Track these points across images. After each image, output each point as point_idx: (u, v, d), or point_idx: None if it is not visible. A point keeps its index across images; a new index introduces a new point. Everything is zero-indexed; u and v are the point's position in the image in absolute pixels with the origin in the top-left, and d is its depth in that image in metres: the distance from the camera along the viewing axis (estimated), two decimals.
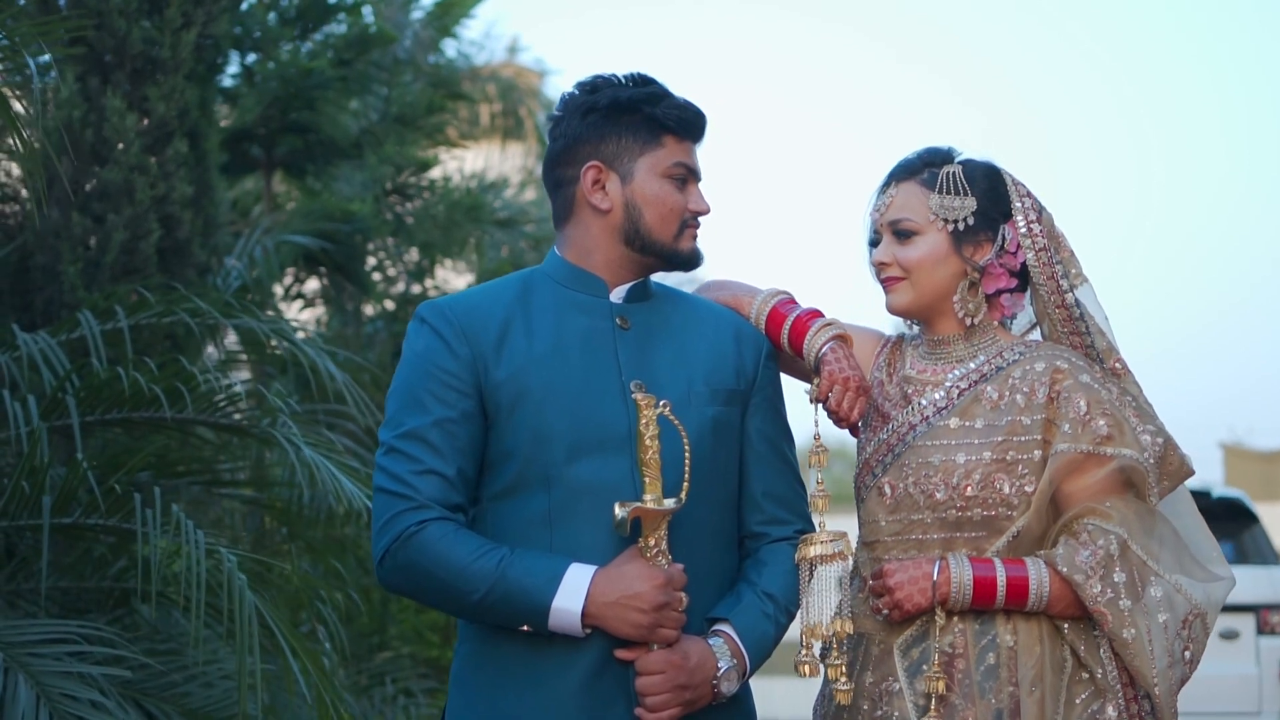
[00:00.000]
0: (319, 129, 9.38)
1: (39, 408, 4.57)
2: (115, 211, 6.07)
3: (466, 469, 3.25)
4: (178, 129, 6.22)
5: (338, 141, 9.47)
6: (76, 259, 6.03)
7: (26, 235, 6.09)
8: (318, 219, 8.59)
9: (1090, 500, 3.36)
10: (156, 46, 6.16)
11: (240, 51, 9.58)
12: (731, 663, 3.23)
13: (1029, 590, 3.31)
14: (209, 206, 6.46)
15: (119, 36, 6.09)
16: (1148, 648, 3.28)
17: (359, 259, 8.81)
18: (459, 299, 3.40)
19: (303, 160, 9.71)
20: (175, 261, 6.26)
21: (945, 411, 3.43)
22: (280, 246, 8.22)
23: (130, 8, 6.09)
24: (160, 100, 6.14)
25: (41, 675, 3.96)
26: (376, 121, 10.01)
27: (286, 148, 9.66)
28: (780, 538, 3.41)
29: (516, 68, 21.07)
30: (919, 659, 3.38)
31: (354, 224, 8.52)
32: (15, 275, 6.13)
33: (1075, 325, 3.49)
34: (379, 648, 8.41)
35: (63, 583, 5.37)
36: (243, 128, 9.47)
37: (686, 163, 3.38)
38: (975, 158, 3.55)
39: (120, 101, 6.07)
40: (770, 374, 3.49)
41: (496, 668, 3.26)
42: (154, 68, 6.18)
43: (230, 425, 4.94)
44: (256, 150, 9.79)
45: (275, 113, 9.33)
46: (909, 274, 3.49)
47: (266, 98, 9.22)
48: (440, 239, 10.15)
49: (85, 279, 6.00)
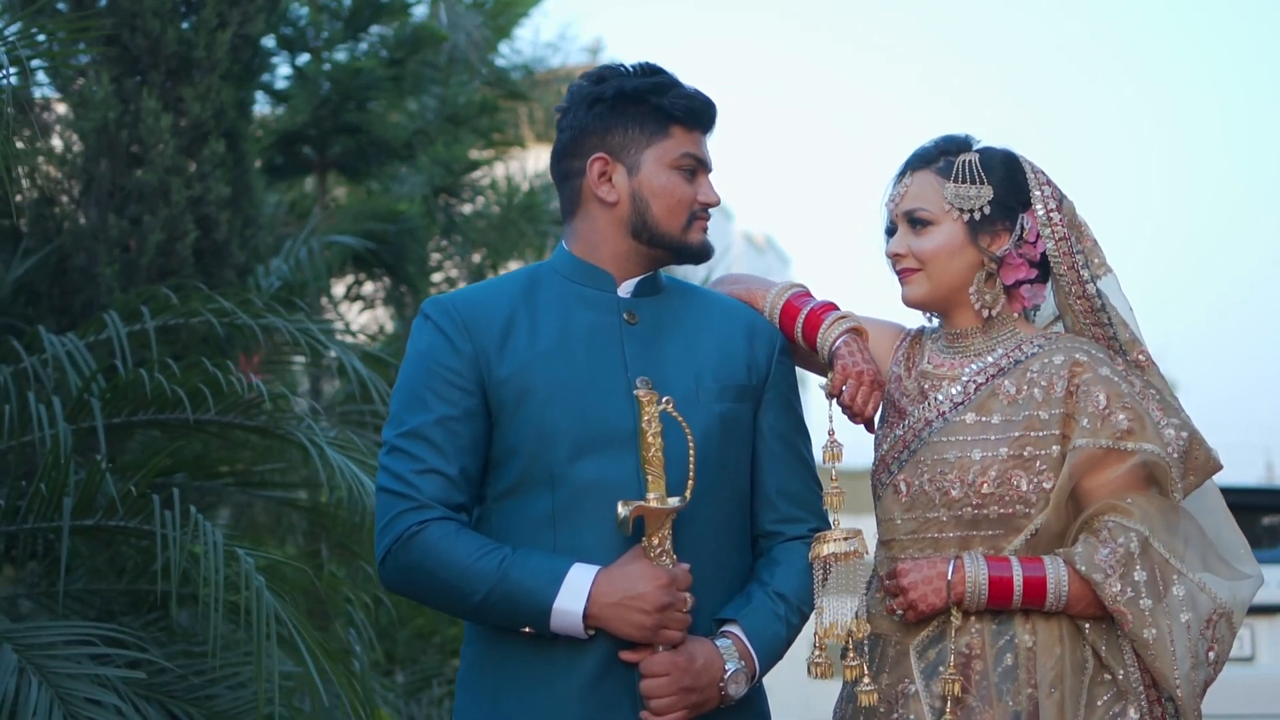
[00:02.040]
0: (370, 129, 9.37)
1: (64, 410, 4.54)
2: (151, 213, 6.06)
3: (470, 468, 3.19)
4: (214, 129, 6.19)
5: (389, 142, 9.45)
6: (113, 260, 6.02)
7: (64, 237, 6.08)
8: (366, 219, 8.57)
9: (1111, 497, 3.26)
10: (191, 47, 6.14)
11: (291, 52, 9.59)
12: (740, 664, 3.15)
13: (1047, 590, 3.21)
14: (248, 207, 6.44)
15: (153, 37, 6.08)
16: (1170, 648, 3.18)
17: (410, 260, 8.77)
18: (463, 295, 3.34)
19: (355, 161, 9.70)
20: (213, 262, 6.24)
21: (962, 407, 3.34)
22: (329, 248, 8.20)
23: (165, 8, 6.07)
24: (195, 101, 6.13)
25: (56, 677, 3.94)
26: (430, 121, 9.99)
27: (339, 148, 9.65)
28: (794, 536, 3.33)
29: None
30: (935, 660, 3.29)
31: (402, 224, 8.48)
32: (54, 277, 6.12)
33: (1097, 316, 3.39)
34: (437, 649, 8.38)
35: (101, 586, 5.36)
36: (295, 129, 9.48)
37: (695, 153, 3.30)
38: (994, 146, 3.46)
39: (155, 102, 6.05)
40: (784, 369, 3.40)
41: (500, 670, 3.20)
42: (189, 68, 6.16)
43: (253, 427, 4.90)
44: (310, 152, 9.80)
45: (326, 114, 9.33)
46: (924, 265, 3.40)
47: (316, 98, 9.22)
48: (496, 239, 10.12)
49: (122, 280, 5.99)
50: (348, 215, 8.82)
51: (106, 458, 5.69)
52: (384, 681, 7.37)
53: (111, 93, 6.09)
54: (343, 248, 8.42)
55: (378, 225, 8.46)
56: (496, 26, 11.90)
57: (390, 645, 8.32)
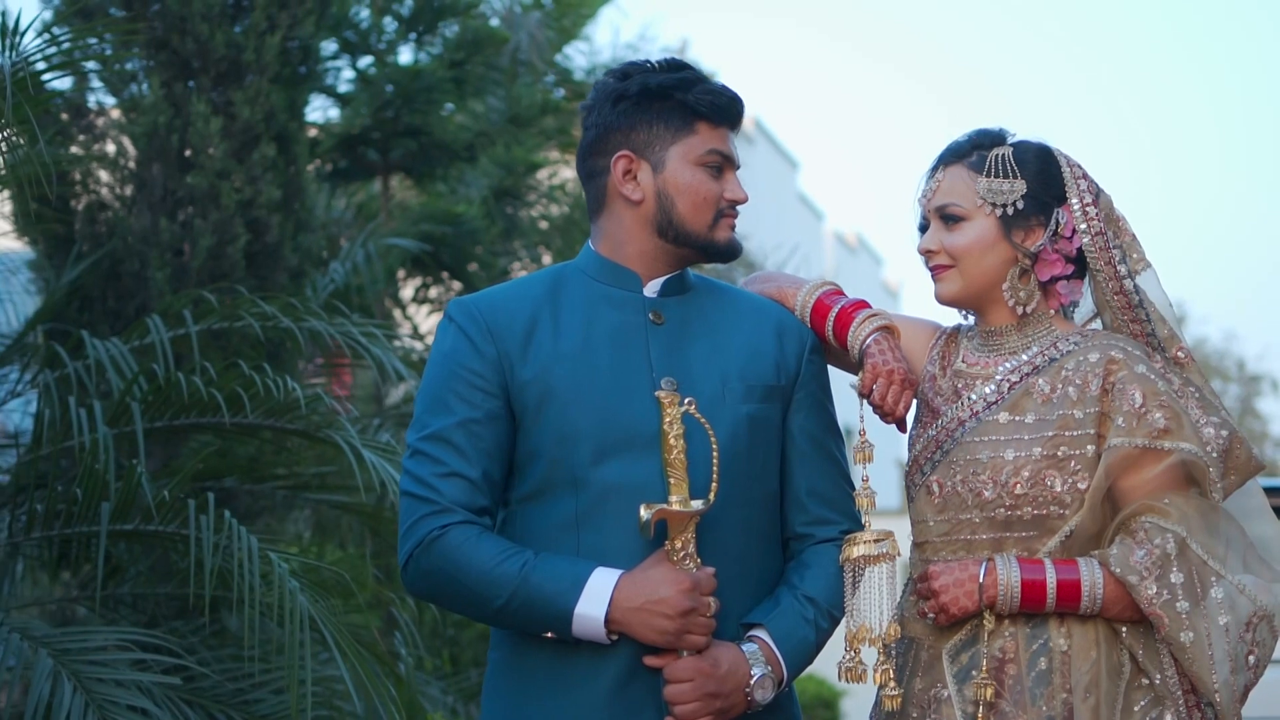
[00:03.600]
0: (431, 132, 9.36)
1: (104, 414, 4.54)
2: (202, 217, 6.06)
3: (493, 471, 3.15)
4: (264, 133, 6.19)
5: (450, 144, 9.44)
6: (164, 265, 6.03)
7: (115, 241, 6.10)
8: (425, 222, 8.56)
9: (1148, 497, 3.18)
10: (241, 50, 6.14)
11: (352, 55, 9.60)
12: (766, 670, 3.09)
13: (1081, 593, 3.14)
14: (300, 210, 6.43)
15: (202, 41, 6.08)
16: (1208, 652, 3.09)
17: (476, 261, 8.76)
18: (487, 296, 3.31)
19: (418, 164, 9.69)
20: (265, 266, 6.24)
21: (995, 406, 3.27)
22: (388, 251, 8.19)
23: (213, 12, 6.07)
24: (245, 104, 6.12)
25: (90, 682, 3.93)
26: (494, 123, 9.98)
27: (401, 151, 9.64)
28: (825, 539, 3.27)
29: None
30: (968, 664, 3.22)
31: (460, 226, 8.46)
32: (106, 281, 6.14)
33: (1135, 313, 3.31)
34: None
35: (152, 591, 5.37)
36: (358, 132, 9.48)
37: (722, 150, 3.25)
38: (1029, 139, 3.39)
39: (205, 106, 6.05)
40: (814, 368, 3.34)
41: (524, 675, 3.17)
42: (239, 72, 6.16)
43: (293, 430, 4.89)
44: (373, 154, 9.81)
45: (387, 116, 9.33)
46: (956, 261, 3.33)
47: (378, 101, 9.22)
48: (560, 241, 10.10)
49: (173, 284, 5.99)
50: (407, 218, 8.81)
51: (160, 462, 5.72)
52: (445, 684, 7.36)
53: (161, 97, 6.10)
54: (403, 251, 8.40)
55: (436, 228, 8.44)
56: (560, 28, 11.90)
57: (456, 649, 8.32)
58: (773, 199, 26.71)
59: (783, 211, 27.62)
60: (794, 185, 30.55)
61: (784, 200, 28.70)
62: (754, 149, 26.06)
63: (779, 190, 28.26)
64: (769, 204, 25.81)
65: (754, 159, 25.06)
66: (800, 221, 29.81)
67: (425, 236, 8.41)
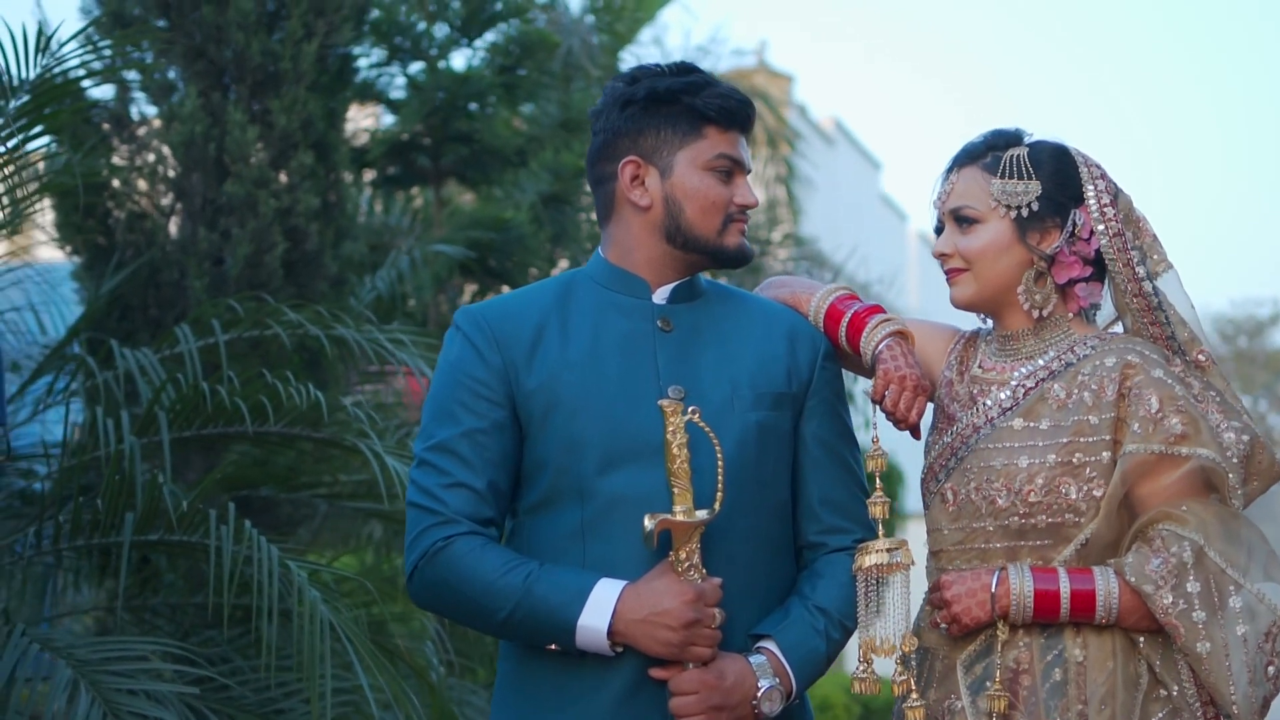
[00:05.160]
0: (481, 137, 9.35)
1: (131, 424, 4.54)
2: (240, 225, 6.06)
3: (499, 481, 3.12)
4: (302, 141, 6.18)
5: (500, 149, 9.42)
6: (203, 273, 6.04)
7: (155, 251, 6.11)
8: (473, 228, 8.54)
9: (1166, 504, 3.11)
10: (277, 59, 6.14)
11: (402, 62, 9.60)
12: (773, 682, 3.04)
13: (1097, 602, 3.07)
14: (340, 218, 6.42)
15: (238, 50, 6.09)
16: (1225, 663, 3.02)
17: (518, 267, 8.73)
18: (495, 304, 3.27)
19: (469, 169, 9.68)
20: (304, 274, 6.23)
21: (1010, 412, 3.21)
22: (435, 257, 8.17)
23: (249, 21, 6.07)
24: (282, 113, 6.12)
25: (108, 692, 3.92)
26: (546, 128, 9.95)
27: (452, 157, 9.64)
28: (838, 547, 3.22)
29: (765, 72, 20.97)
30: (982, 675, 3.17)
31: (508, 232, 8.44)
32: (146, 290, 6.16)
33: (1154, 315, 3.24)
34: None
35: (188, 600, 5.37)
36: (409, 138, 9.49)
37: (731, 154, 3.20)
38: (1046, 139, 3.32)
39: (242, 115, 6.06)
40: (828, 375, 3.28)
41: (531, 687, 3.13)
42: (276, 80, 6.16)
43: (319, 438, 4.88)
44: (425, 160, 9.80)
45: (437, 122, 9.32)
46: (971, 265, 3.27)
47: (426, 107, 9.21)
48: None
49: (211, 293, 6.00)
50: (456, 224, 8.80)
51: (201, 472, 5.72)
52: (490, 694, 7.32)
53: (199, 106, 6.10)
54: (452, 258, 8.38)
55: (484, 234, 8.42)
56: (615, 32, 11.86)
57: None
58: (854, 201, 26.58)
59: (864, 213, 27.46)
60: (876, 186, 30.35)
61: (866, 202, 28.53)
62: (835, 151, 25.97)
63: (861, 192, 28.10)
64: (851, 206, 25.69)
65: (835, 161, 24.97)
66: (883, 223, 29.65)
67: (473, 243, 8.39)
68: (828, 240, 17.37)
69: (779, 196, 14.49)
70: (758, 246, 12.12)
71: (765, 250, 12.78)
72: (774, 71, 22.44)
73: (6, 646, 3.97)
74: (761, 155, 14.45)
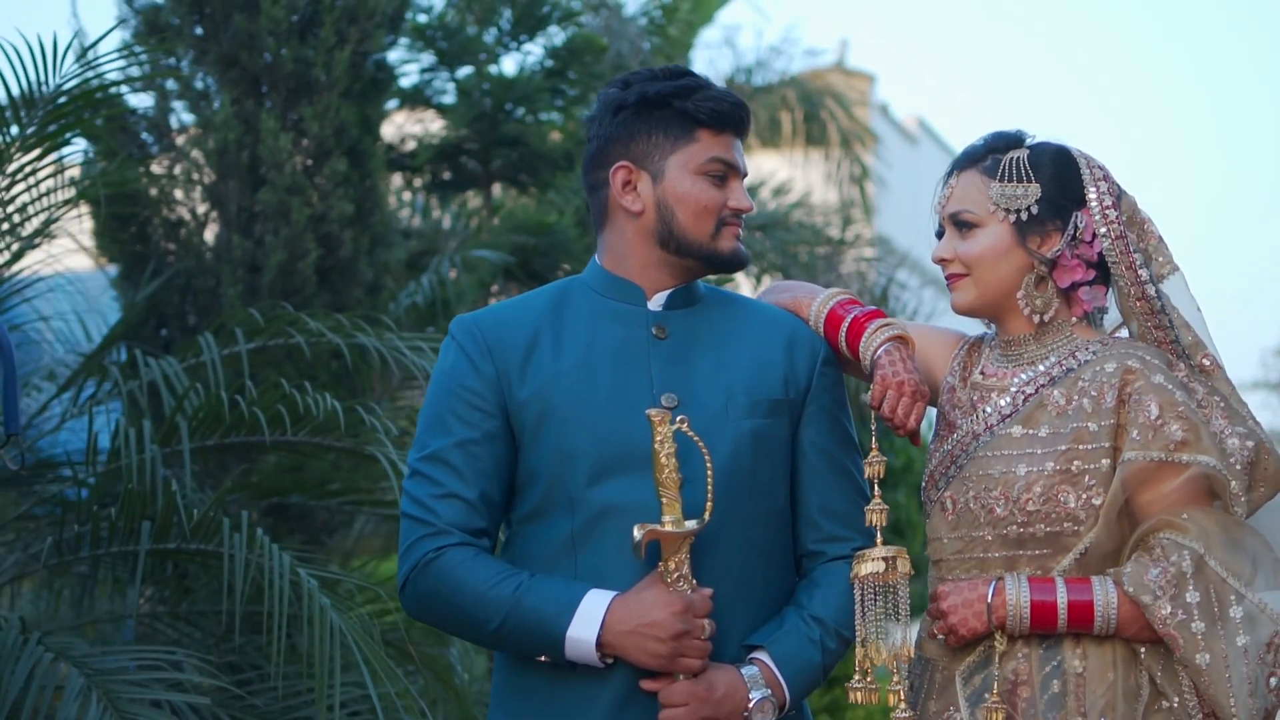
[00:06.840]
0: (528, 141, 9.34)
1: (153, 432, 4.56)
2: (273, 233, 6.07)
3: (491, 491, 3.10)
4: (335, 148, 6.19)
5: (548, 153, 9.41)
6: (237, 281, 6.06)
7: (190, 258, 6.14)
8: (516, 233, 8.52)
9: (1167, 512, 3.04)
10: (310, 66, 6.15)
11: (450, 66, 9.60)
12: (766, 693, 3.01)
13: (1095, 613, 3.01)
14: (376, 225, 6.42)
15: (271, 57, 6.10)
16: (1225, 675, 2.95)
17: (562, 272, 8.71)
18: (490, 313, 3.26)
19: (518, 173, 9.67)
20: (339, 281, 6.24)
21: (1009, 419, 3.16)
22: (479, 263, 8.16)
23: (281, 28, 6.08)
24: (315, 120, 6.13)
25: (121, 702, 3.93)
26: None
27: (500, 161, 9.63)
28: (837, 556, 3.18)
29: (841, 72, 20.91)
30: (981, 686, 3.11)
31: (552, 237, 8.42)
32: (182, 297, 6.19)
33: (1158, 319, 3.18)
34: None
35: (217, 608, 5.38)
36: (455, 143, 9.49)
37: (723, 157, 3.17)
38: (1047, 141, 3.27)
39: (275, 122, 6.07)
40: (827, 381, 3.24)
41: (524, 698, 3.12)
42: (309, 87, 6.17)
43: (339, 447, 4.89)
44: (474, 165, 9.80)
45: (484, 126, 9.32)
46: (970, 270, 3.22)
47: (474, 111, 9.21)
48: None
49: (245, 300, 6.01)
50: (498, 229, 8.78)
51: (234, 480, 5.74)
52: None
53: (232, 114, 6.12)
54: (494, 263, 8.37)
55: (527, 239, 8.40)
56: (667, 35, 11.83)
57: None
58: None
59: None
60: None
61: None
62: (918, 149, 25.84)
63: None
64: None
65: (918, 159, 24.84)
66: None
67: (517, 247, 8.37)
68: (911, 239, 17.23)
69: (854, 197, 14.43)
70: (828, 248, 12.00)
71: (837, 250, 12.69)
72: (850, 71, 22.34)
73: (21, 656, 3.99)
74: (834, 156, 14.40)
